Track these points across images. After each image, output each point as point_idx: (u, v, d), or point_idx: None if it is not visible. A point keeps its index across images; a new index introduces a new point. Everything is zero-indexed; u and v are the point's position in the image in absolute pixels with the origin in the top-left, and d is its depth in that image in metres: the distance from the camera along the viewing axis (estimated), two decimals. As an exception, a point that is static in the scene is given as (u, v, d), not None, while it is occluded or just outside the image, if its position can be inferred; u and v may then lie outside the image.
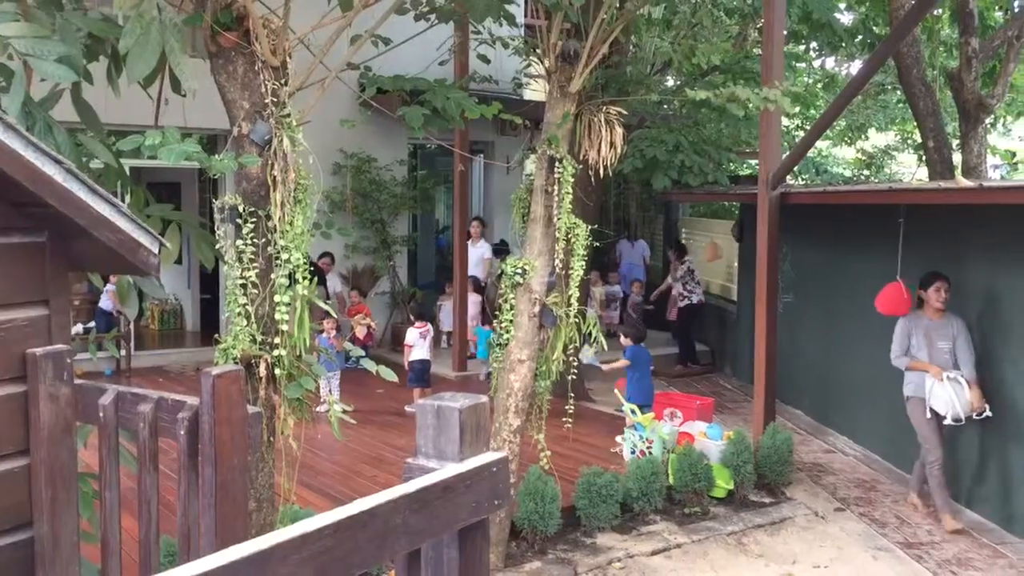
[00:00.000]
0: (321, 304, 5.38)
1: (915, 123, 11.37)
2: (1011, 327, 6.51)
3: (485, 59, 6.42)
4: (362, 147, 12.09)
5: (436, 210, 16.24)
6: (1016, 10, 10.21)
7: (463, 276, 10.90)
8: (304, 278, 4.47)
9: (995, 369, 6.64)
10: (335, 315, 7.52)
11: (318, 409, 8.21)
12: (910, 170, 18.80)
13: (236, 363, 4.23)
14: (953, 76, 10.20)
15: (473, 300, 11.22)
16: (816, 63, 15.62)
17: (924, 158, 10.97)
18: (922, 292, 6.59)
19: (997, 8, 11.20)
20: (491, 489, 1.89)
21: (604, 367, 8.53)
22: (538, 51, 5.74)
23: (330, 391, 8.42)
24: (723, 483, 6.91)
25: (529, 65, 10.72)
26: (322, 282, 10.62)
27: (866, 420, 8.53)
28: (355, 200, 12.12)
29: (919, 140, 11.65)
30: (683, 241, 12.73)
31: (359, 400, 8.69)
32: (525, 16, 12.80)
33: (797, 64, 14.48)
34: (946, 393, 6.30)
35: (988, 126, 14.76)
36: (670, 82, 12.97)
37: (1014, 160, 19.08)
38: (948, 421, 6.32)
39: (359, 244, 12.25)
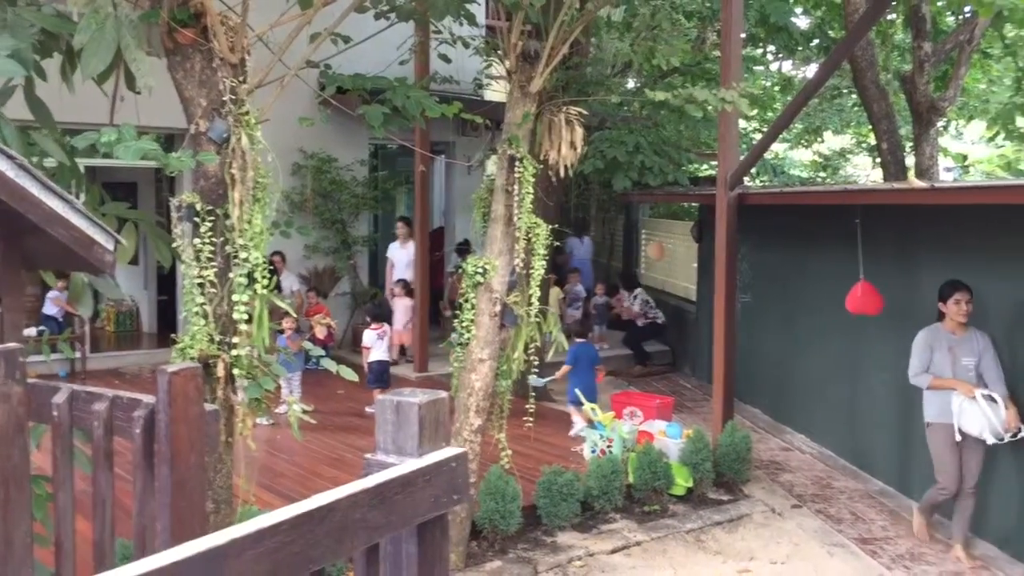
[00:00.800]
0: (281, 304, 5.35)
1: (870, 126, 11.56)
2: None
3: (446, 58, 6.43)
4: (323, 147, 12.02)
5: (397, 211, 16.20)
6: (967, 15, 10.42)
7: (423, 277, 10.87)
8: (263, 277, 4.45)
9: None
10: (294, 314, 7.46)
11: (278, 410, 8.17)
12: (865, 172, 19.10)
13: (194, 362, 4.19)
14: (906, 79, 10.40)
15: (405, 305, 11.00)
16: (773, 66, 15.80)
17: (878, 160, 11.16)
18: (941, 305, 6.05)
19: (949, 13, 11.43)
20: (450, 484, 1.89)
21: (554, 376, 8.66)
22: (499, 51, 5.75)
23: (290, 392, 8.36)
24: (682, 481, 6.98)
25: (490, 66, 10.75)
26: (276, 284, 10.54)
27: (823, 418, 8.65)
28: (315, 200, 12.05)
29: (874, 142, 11.84)
30: (634, 272, 12.78)
31: (319, 401, 8.64)
32: (486, 17, 12.81)
33: (755, 67, 14.65)
34: (979, 411, 5.69)
35: (941, 129, 15.06)
36: (631, 84, 13.05)
37: (966, 163, 19.48)
38: (989, 440, 5.68)
39: (319, 244, 12.18)
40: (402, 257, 11.54)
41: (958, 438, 5.81)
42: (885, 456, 7.55)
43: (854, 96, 14.67)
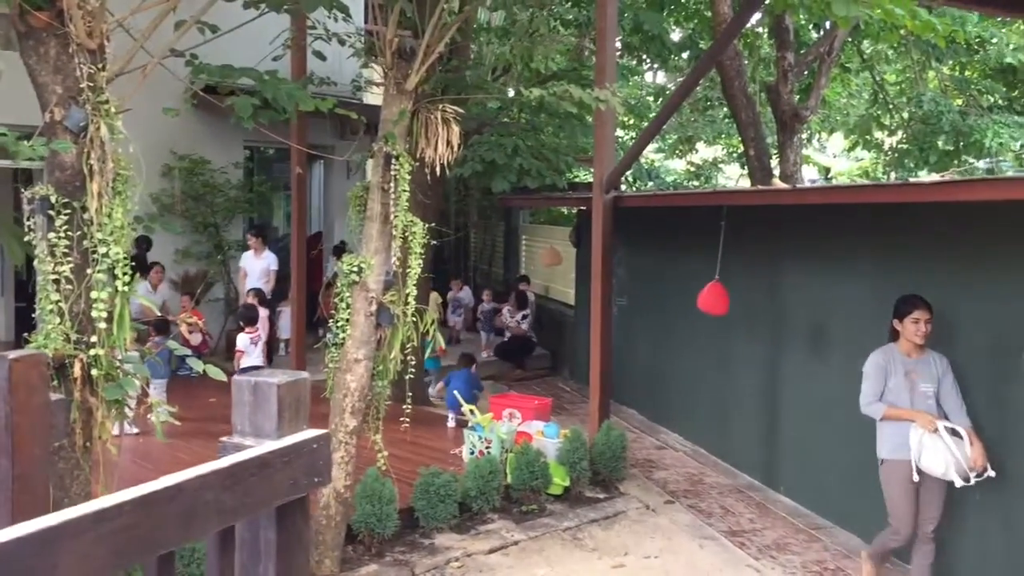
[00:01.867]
0: (147, 303, 5.14)
1: (739, 135, 11.99)
2: (828, 324, 6.93)
3: (321, 56, 6.32)
4: (194, 148, 11.66)
5: (275, 217, 15.86)
6: (828, 28, 10.97)
7: (300, 281, 10.65)
8: (124, 274, 4.27)
9: (792, 364, 7.06)
10: (158, 312, 7.19)
11: (150, 418, 7.83)
12: (735, 181, 19.83)
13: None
14: (771, 89, 10.87)
15: (261, 315, 10.49)
16: (648, 77, 16.23)
17: (746, 166, 11.60)
18: (896, 323, 5.30)
19: (811, 27, 11.99)
20: (311, 466, 1.85)
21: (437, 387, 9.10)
22: (376, 50, 5.69)
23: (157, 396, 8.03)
24: (559, 480, 7.04)
25: (367, 65, 10.63)
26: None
27: (694, 417, 8.90)
28: (186, 203, 11.65)
29: (743, 151, 12.30)
30: (524, 290, 12.90)
31: (190, 410, 8.30)
32: (365, 20, 12.69)
33: (632, 77, 15.00)
34: (943, 448, 4.98)
35: (804, 140, 15.76)
36: (511, 94, 13.18)
37: (829, 175, 20.48)
38: (956, 482, 4.96)
39: (191, 249, 11.78)
40: (255, 267, 11.06)
41: (915, 478, 5.08)
42: (753, 452, 7.81)
43: (725, 108, 15.21)
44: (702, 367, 8.71)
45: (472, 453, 7.25)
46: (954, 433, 5.02)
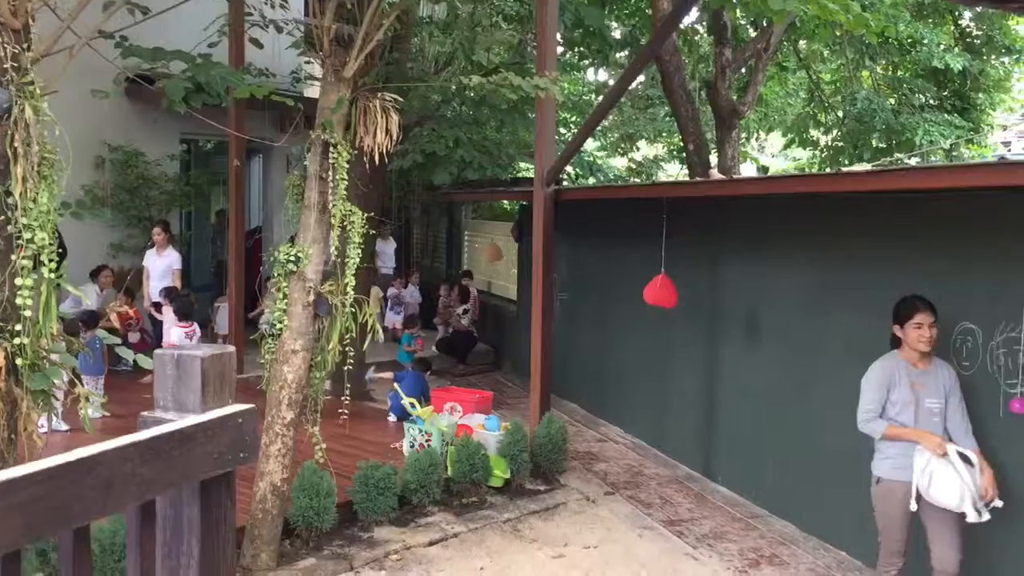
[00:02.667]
0: (75, 292, 5.00)
1: (679, 131, 12.12)
2: (764, 316, 7.03)
3: (258, 43, 6.21)
4: (128, 140, 11.41)
5: (213, 209, 15.59)
6: (764, 25, 11.14)
7: (238, 276, 10.48)
8: (51, 260, 4.14)
9: (772, 350, 7.16)
10: (87, 300, 7.00)
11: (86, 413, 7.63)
12: (675, 178, 20.05)
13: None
14: (710, 85, 11.01)
15: (166, 316, 9.63)
16: (590, 74, 16.33)
17: (686, 162, 11.73)
18: (896, 328, 4.82)
19: (749, 23, 12.17)
20: (236, 441, 1.80)
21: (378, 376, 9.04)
22: (313, 36, 5.62)
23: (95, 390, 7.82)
24: (500, 473, 7.03)
25: (308, 61, 10.50)
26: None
27: (634, 410, 8.96)
28: (120, 196, 11.38)
29: (683, 147, 12.44)
30: (467, 285, 12.88)
31: (125, 405, 8.11)
32: (305, 13, 12.54)
33: (573, 73, 15.07)
34: (953, 476, 4.41)
35: (744, 139, 15.99)
36: (453, 88, 13.14)
37: (768, 174, 20.80)
38: (970, 516, 4.41)
39: (125, 243, 11.52)
40: (158, 265, 10.25)
41: (913, 507, 4.57)
42: (691, 443, 7.89)
43: (666, 107, 15.36)
44: (642, 361, 8.79)
45: (412, 447, 7.21)
46: (964, 458, 4.45)
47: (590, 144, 17.51)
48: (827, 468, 6.25)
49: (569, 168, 14.86)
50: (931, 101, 13.14)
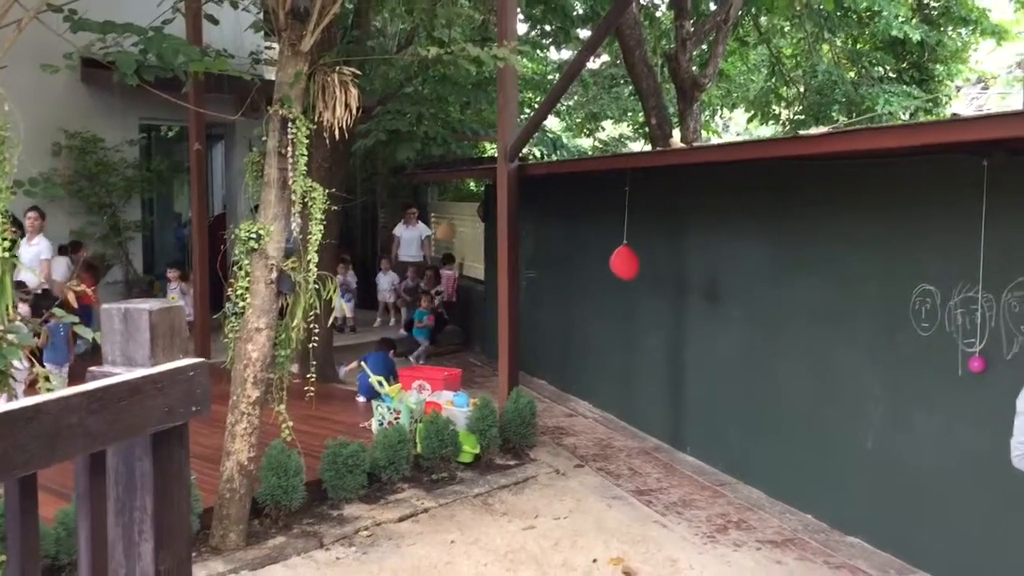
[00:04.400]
0: (31, 273, 4.93)
1: (641, 104, 12.13)
2: (727, 285, 7.09)
3: (213, 19, 6.13)
4: (87, 126, 11.22)
5: (176, 200, 15.42)
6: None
7: (202, 262, 10.38)
8: (4, 239, 4.09)
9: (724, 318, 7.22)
10: (38, 278, 6.85)
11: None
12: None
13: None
14: (671, 57, 11.04)
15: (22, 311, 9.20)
16: (552, 53, 16.31)
17: (648, 135, 11.76)
18: None
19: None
20: (187, 394, 1.78)
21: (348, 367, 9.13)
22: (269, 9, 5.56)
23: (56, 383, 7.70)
24: (470, 448, 7.04)
25: (271, 46, 10.39)
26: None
27: (602, 384, 9.00)
28: (79, 183, 11.21)
29: (645, 120, 12.45)
30: (438, 268, 12.83)
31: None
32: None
33: (536, 53, 15.05)
34: None
35: (707, 117, 16.06)
36: (415, 68, 13.04)
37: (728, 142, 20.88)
38: None
39: (86, 230, 11.35)
40: (25, 255, 9.16)
41: None
42: (659, 415, 7.94)
43: (630, 86, 15.38)
44: (609, 335, 8.82)
45: (381, 424, 7.20)
46: None
47: (555, 124, 17.49)
48: (792, 434, 6.33)
49: (536, 151, 14.86)
50: (890, 73, 13.27)
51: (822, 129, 5.12)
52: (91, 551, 1.76)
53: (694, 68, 11.15)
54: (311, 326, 5.72)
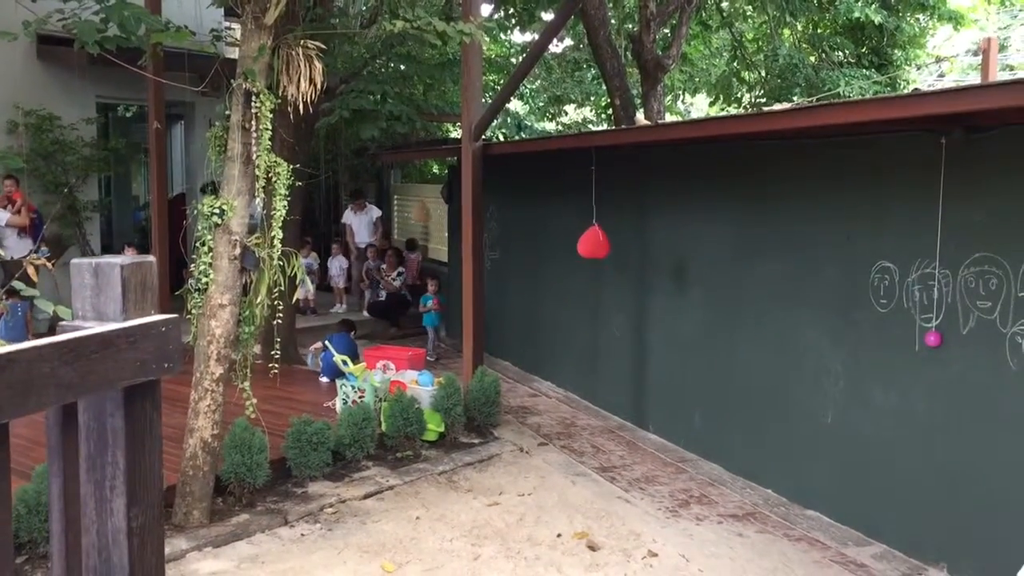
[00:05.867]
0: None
1: (604, 85, 12.16)
2: (691, 265, 7.15)
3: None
4: (42, 104, 11.02)
5: (135, 181, 15.20)
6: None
7: (161, 242, 10.25)
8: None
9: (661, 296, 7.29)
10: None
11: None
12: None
13: None
14: (634, 39, 11.08)
15: None
16: (517, 36, 16.28)
17: (612, 116, 11.81)
18: None
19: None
20: (160, 349, 1.77)
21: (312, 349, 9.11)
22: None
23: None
24: (434, 427, 7.05)
25: (231, 27, 10.25)
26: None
27: (565, 364, 9.05)
28: (35, 162, 11.01)
29: (609, 101, 12.48)
30: (401, 250, 12.79)
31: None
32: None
33: (501, 36, 15.02)
34: None
35: (671, 102, 16.15)
36: (379, 46, 12.93)
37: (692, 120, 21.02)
38: None
39: (43, 209, 11.15)
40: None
41: None
42: (623, 394, 8.01)
43: (594, 69, 15.40)
44: (573, 316, 8.86)
45: (346, 403, 7.18)
46: None
47: (519, 107, 17.48)
48: (753, 411, 6.42)
49: (500, 134, 14.84)
50: (849, 58, 13.44)
51: (784, 105, 5.18)
52: (63, 507, 1.76)
53: (658, 51, 11.21)
54: (275, 303, 5.69)
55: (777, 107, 5.00)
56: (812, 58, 13.55)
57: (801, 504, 5.95)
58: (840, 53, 13.60)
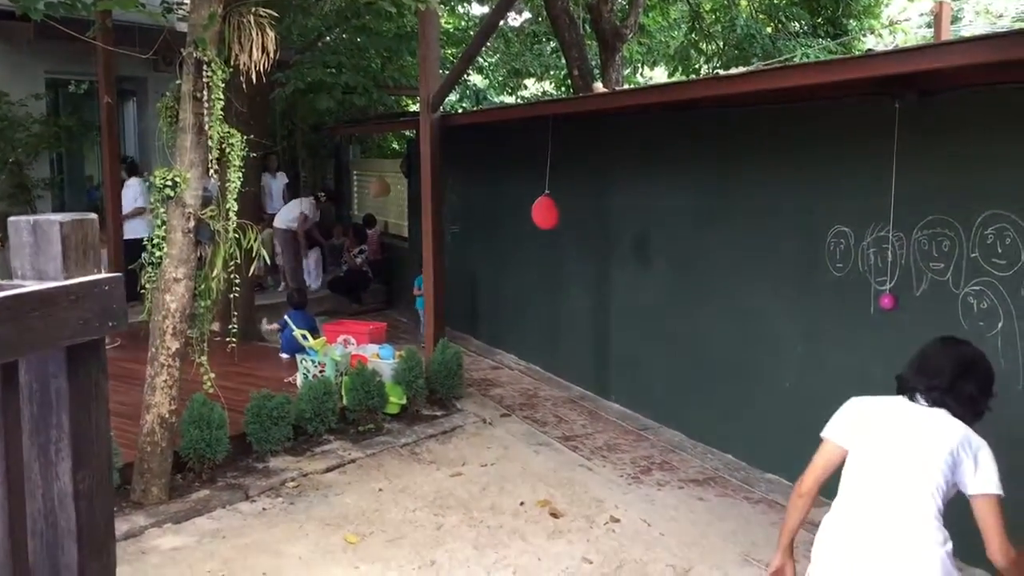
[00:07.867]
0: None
1: (563, 56, 12.11)
2: (651, 234, 7.17)
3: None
4: (-13, 79, 10.73)
5: (88, 160, 14.88)
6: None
7: (115, 223, 10.11)
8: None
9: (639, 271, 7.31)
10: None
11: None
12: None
13: None
14: (592, 8, 11.06)
15: None
16: (476, 11, 16.16)
17: (571, 87, 11.78)
18: None
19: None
20: (103, 308, 1.73)
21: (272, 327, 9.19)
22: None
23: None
24: (396, 400, 7.03)
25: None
26: None
27: (527, 336, 9.06)
28: (-19, 140, 10.75)
29: (567, 72, 12.44)
30: (362, 226, 12.71)
31: None
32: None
33: (457, 5, 14.90)
34: None
35: (629, 74, 16.12)
36: (333, 16, 12.75)
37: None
38: None
39: (-9, 188, 10.91)
40: None
41: None
42: (584, 365, 8.04)
43: (553, 43, 15.33)
44: (534, 288, 8.86)
45: (307, 378, 7.13)
46: None
47: (478, 81, 17.37)
48: (713, 378, 6.47)
49: (461, 107, 14.73)
50: (806, 28, 13.52)
51: (741, 70, 5.19)
52: (6, 470, 1.71)
53: (616, 20, 11.18)
54: (231, 276, 5.61)
55: (732, 71, 5.00)
56: (769, 28, 13.60)
57: (760, 468, 6.02)
58: (796, 23, 13.67)
